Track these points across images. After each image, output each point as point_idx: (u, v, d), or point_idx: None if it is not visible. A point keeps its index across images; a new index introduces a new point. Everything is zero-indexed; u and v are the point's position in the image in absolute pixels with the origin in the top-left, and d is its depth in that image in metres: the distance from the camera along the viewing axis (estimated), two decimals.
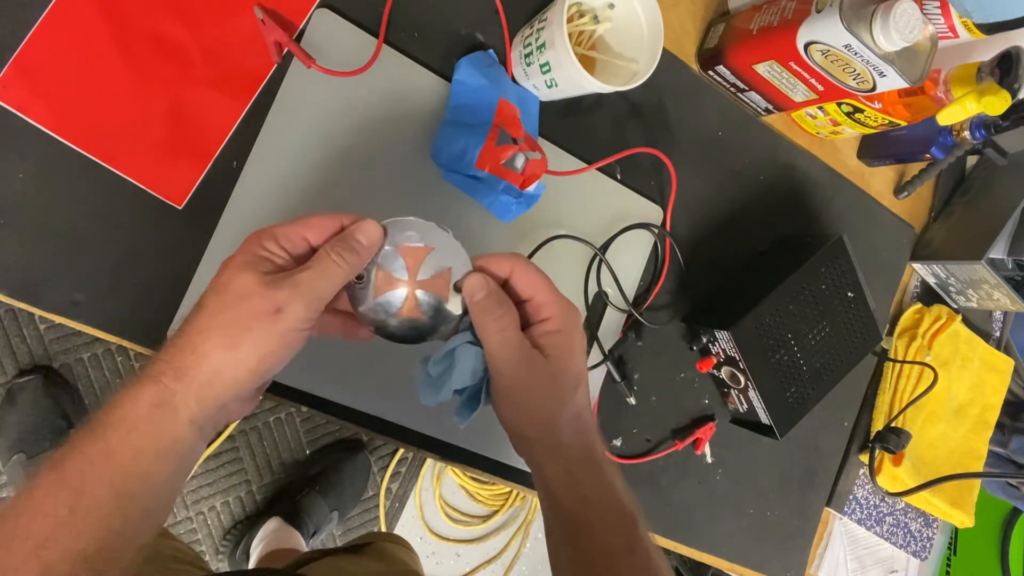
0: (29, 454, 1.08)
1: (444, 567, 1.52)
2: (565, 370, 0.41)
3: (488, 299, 0.41)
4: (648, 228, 0.68)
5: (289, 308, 0.36)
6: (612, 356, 0.66)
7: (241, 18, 0.52)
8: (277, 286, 0.36)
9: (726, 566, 0.76)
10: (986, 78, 0.63)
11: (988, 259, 0.78)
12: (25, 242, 0.48)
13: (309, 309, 0.37)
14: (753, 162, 0.75)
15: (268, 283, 0.36)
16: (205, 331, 0.36)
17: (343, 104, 0.55)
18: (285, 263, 0.38)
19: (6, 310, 1.16)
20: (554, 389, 0.41)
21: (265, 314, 0.36)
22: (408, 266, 0.41)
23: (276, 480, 1.35)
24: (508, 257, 0.42)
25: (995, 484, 1.07)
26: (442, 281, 0.41)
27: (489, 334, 0.40)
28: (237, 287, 0.36)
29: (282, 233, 0.38)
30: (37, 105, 0.48)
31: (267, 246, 0.38)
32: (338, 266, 0.38)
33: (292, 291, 0.36)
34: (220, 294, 0.36)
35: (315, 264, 0.38)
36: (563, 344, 0.41)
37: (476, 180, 0.56)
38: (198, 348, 0.35)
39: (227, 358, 0.35)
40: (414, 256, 0.41)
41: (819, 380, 0.69)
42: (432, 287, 0.41)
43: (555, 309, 0.42)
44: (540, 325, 0.41)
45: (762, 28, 0.62)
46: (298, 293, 0.36)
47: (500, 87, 0.57)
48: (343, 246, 0.38)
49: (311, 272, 0.37)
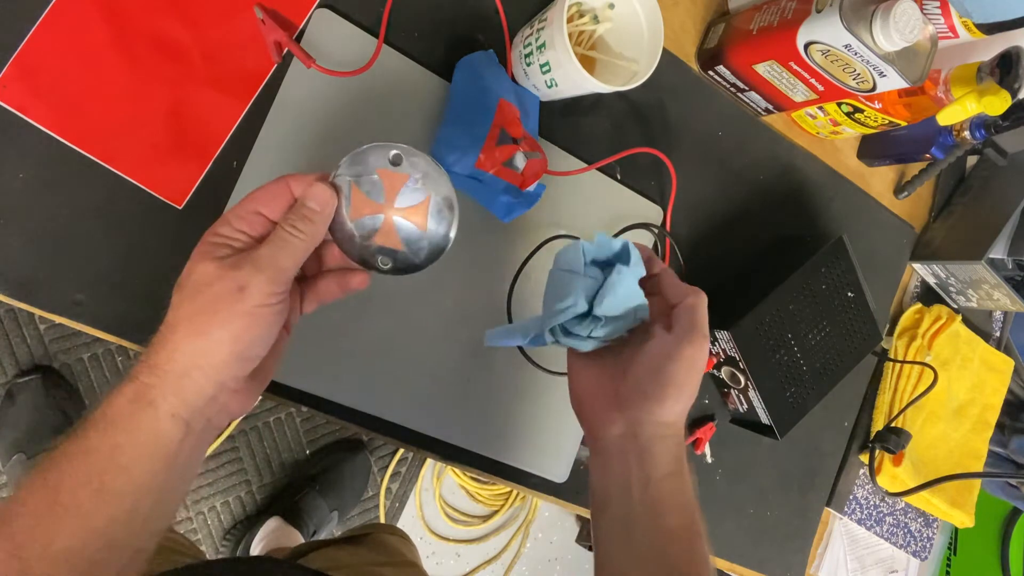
0: (29, 454, 1.08)
1: (444, 567, 1.51)
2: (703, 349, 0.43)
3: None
4: (648, 228, 0.68)
5: (251, 284, 0.36)
6: None
7: (241, 18, 0.52)
8: (237, 266, 0.36)
9: (726, 566, 0.76)
10: (986, 78, 0.63)
11: (988, 259, 0.78)
12: (25, 242, 0.48)
13: (273, 282, 0.36)
14: (753, 162, 0.75)
15: (227, 265, 0.36)
16: (173, 324, 0.36)
17: (343, 104, 0.55)
18: (245, 244, 0.38)
19: (6, 310, 1.16)
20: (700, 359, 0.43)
21: (228, 294, 0.35)
22: (385, 190, 0.40)
23: (276, 480, 1.35)
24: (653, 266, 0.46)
25: (995, 484, 1.07)
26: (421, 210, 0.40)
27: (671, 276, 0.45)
28: (197, 277, 0.36)
29: (233, 215, 0.38)
30: (37, 105, 0.48)
31: (221, 231, 0.38)
32: (294, 237, 0.38)
33: (252, 268, 0.36)
34: (183, 288, 0.37)
35: (272, 239, 0.38)
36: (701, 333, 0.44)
37: (476, 180, 0.56)
38: (168, 342, 0.35)
39: (199, 346, 0.35)
40: (391, 181, 0.40)
41: (819, 380, 0.69)
42: (410, 215, 0.40)
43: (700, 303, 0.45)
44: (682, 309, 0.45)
45: (762, 28, 0.62)
46: (258, 268, 0.36)
47: (500, 87, 0.57)
48: (296, 216, 0.38)
49: (269, 247, 0.37)
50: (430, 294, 0.59)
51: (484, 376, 0.61)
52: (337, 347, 0.56)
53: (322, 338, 0.55)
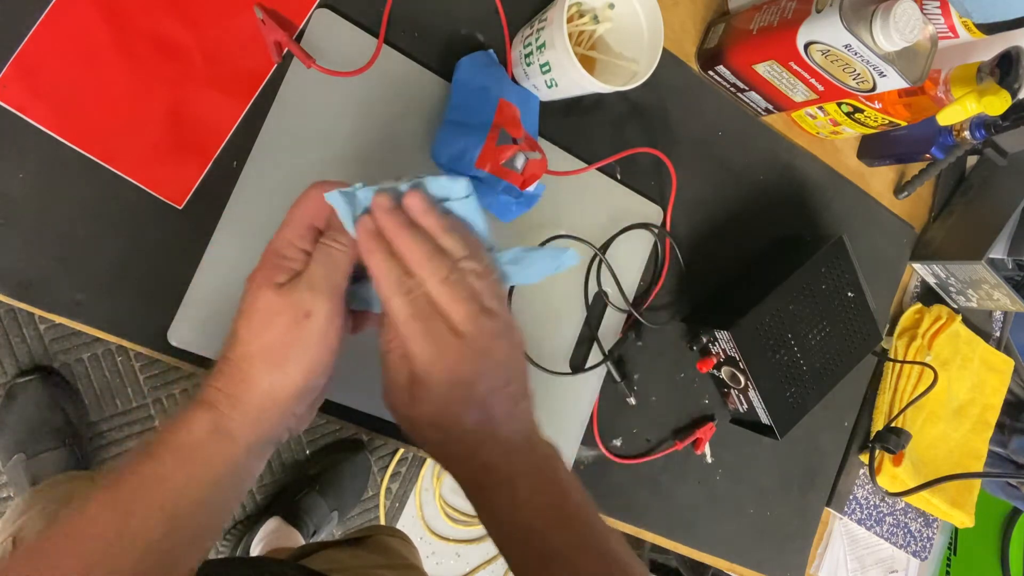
0: (29, 454, 1.08)
1: (444, 567, 1.51)
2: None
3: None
4: (648, 228, 0.68)
5: (315, 309, 0.36)
6: (612, 356, 0.66)
7: (241, 18, 0.52)
8: (296, 292, 0.37)
9: (726, 566, 0.76)
10: (986, 78, 0.63)
11: (988, 259, 0.78)
12: (25, 242, 0.48)
13: (332, 302, 0.37)
14: (753, 162, 0.75)
15: (287, 292, 0.37)
16: (249, 358, 0.36)
17: (343, 104, 0.55)
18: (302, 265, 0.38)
19: (6, 310, 1.16)
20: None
21: (297, 324, 0.36)
22: None
23: (276, 480, 1.35)
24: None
25: (995, 484, 1.07)
26: None
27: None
28: (263, 306, 0.37)
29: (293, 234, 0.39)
30: (37, 105, 0.48)
31: (286, 254, 0.38)
32: (339, 251, 0.38)
33: (310, 292, 0.37)
34: (250, 318, 0.37)
35: (319, 258, 0.38)
36: None
37: (476, 180, 0.56)
38: (248, 375, 0.36)
39: (276, 379, 0.36)
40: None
41: (819, 380, 0.69)
42: None
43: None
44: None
45: (762, 28, 0.62)
46: (316, 291, 0.37)
47: (500, 87, 0.57)
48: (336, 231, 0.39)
49: (319, 266, 0.38)
50: None
51: None
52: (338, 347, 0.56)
53: None
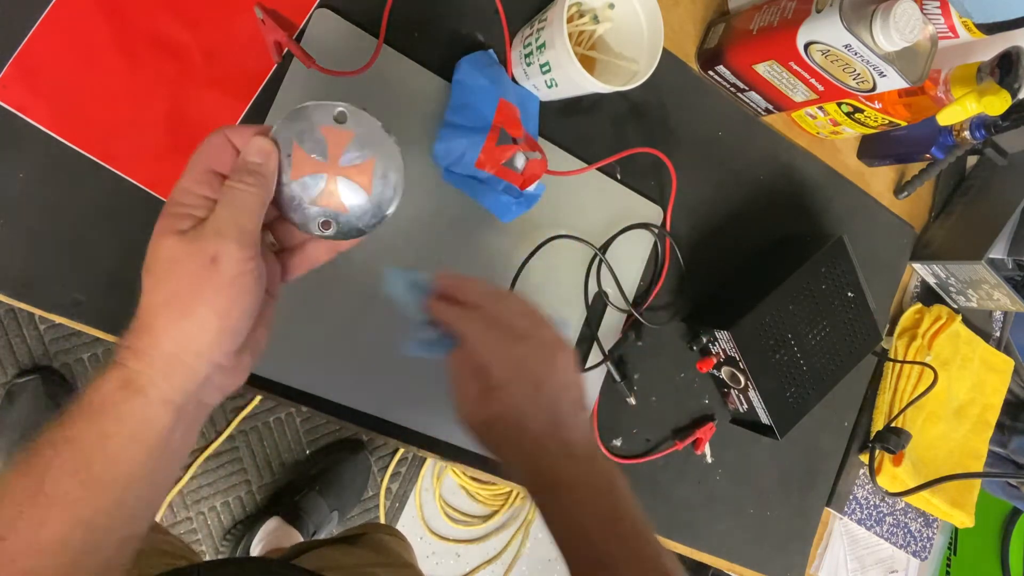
0: None
1: (444, 567, 1.51)
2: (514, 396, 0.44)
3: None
4: (648, 228, 0.68)
5: (221, 253, 0.34)
6: (612, 356, 0.66)
7: (241, 18, 0.52)
8: (201, 237, 0.34)
9: (726, 566, 0.76)
10: (986, 78, 0.63)
11: (988, 259, 0.78)
12: (25, 242, 0.48)
13: (242, 246, 0.35)
14: (753, 162, 0.75)
15: (191, 238, 0.34)
16: (153, 308, 0.34)
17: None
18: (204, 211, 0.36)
19: (6, 310, 1.16)
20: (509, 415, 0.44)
21: (202, 269, 0.34)
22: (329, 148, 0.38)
23: (276, 480, 1.35)
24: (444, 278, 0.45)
25: (995, 484, 1.07)
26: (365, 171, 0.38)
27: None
28: (165, 255, 0.35)
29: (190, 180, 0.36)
30: (37, 105, 0.48)
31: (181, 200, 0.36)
32: (246, 191, 0.36)
33: (216, 236, 0.34)
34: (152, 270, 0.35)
35: (225, 200, 0.36)
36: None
37: (476, 180, 0.56)
38: (153, 326, 0.34)
39: (185, 328, 0.34)
40: (336, 139, 0.38)
41: (819, 380, 0.69)
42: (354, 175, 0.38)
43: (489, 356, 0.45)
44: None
45: (762, 28, 0.62)
46: (225, 235, 0.34)
47: (500, 87, 0.57)
48: (242, 171, 0.36)
49: (224, 208, 0.35)
50: None
51: None
52: (337, 347, 0.56)
53: (322, 338, 0.55)
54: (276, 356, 0.54)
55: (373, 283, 0.56)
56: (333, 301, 0.55)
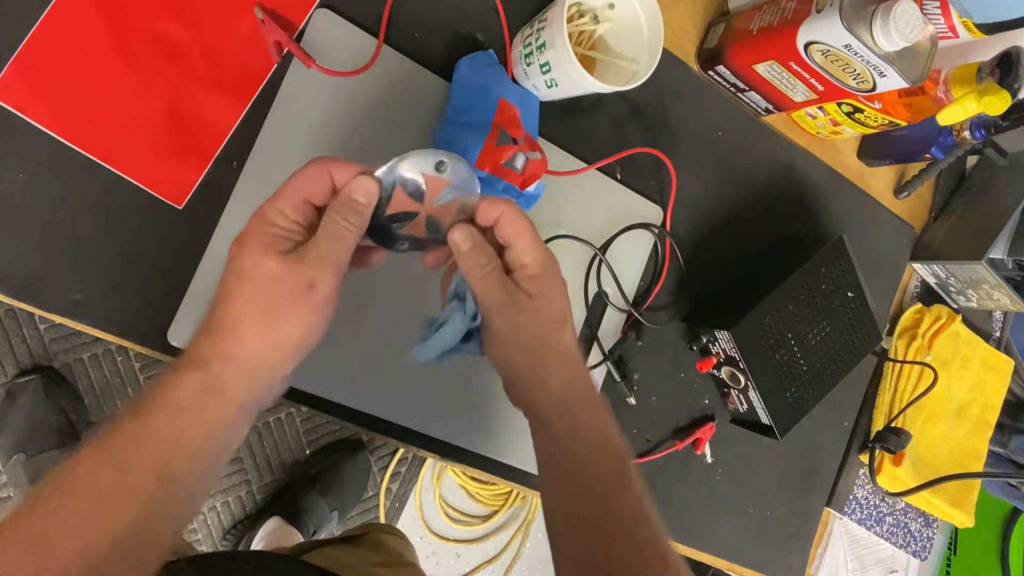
0: (29, 454, 1.08)
1: (444, 567, 1.51)
2: (548, 308, 0.43)
3: (474, 250, 0.42)
4: (648, 228, 0.68)
5: (319, 281, 0.37)
6: (612, 356, 0.66)
7: (241, 18, 0.52)
8: (303, 262, 0.37)
9: (726, 566, 0.76)
10: (986, 78, 0.63)
11: (988, 259, 0.78)
12: (25, 242, 0.48)
13: (336, 276, 0.38)
14: (753, 162, 0.75)
15: (294, 260, 0.37)
16: (245, 318, 0.37)
17: (343, 104, 0.55)
18: (300, 234, 0.39)
19: (6, 310, 1.16)
20: (539, 326, 0.43)
21: (300, 292, 0.37)
22: (427, 192, 0.42)
23: (276, 480, 1.35)
24: (497, 203, 0.43)
25: (995, 484, 1.07)
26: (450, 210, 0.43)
27: (476, 279, 0.42)
28: (265, 271, 0.37)
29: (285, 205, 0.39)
30: (37, 105, 0.48)
31: (279, 224, 0.38)
32: (348, 230, 0.39)
33: (318, 265, 0.37)
34: (250, 280, 0.37)
35: (328, 232, 0.39)
36: (544, 285, 0.43)
37: None
38: (242, 335, 0.36)
39: (271, 341, 0.37)
40: (433, 184, 0.42)
41: (819, 380, 0.69)
42: (439, 214, 0.43)
43: (536, 255, 0.43)
44: (521, 270, 0.43)
45: (762, 28, 0.62)
46: (324, 265, 0.38)
47: (500, 87, 0.57)
48: (348, 209, 0.39)
49: (328, 242, 0.38)
50: (430, 294, 0.59)
51: (484, 375, 0.61)
52: (337, 347, 0.56)
53: (323, 338, 0.55)
54: None
55: (373, 283, 0.56)
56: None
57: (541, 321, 0.43)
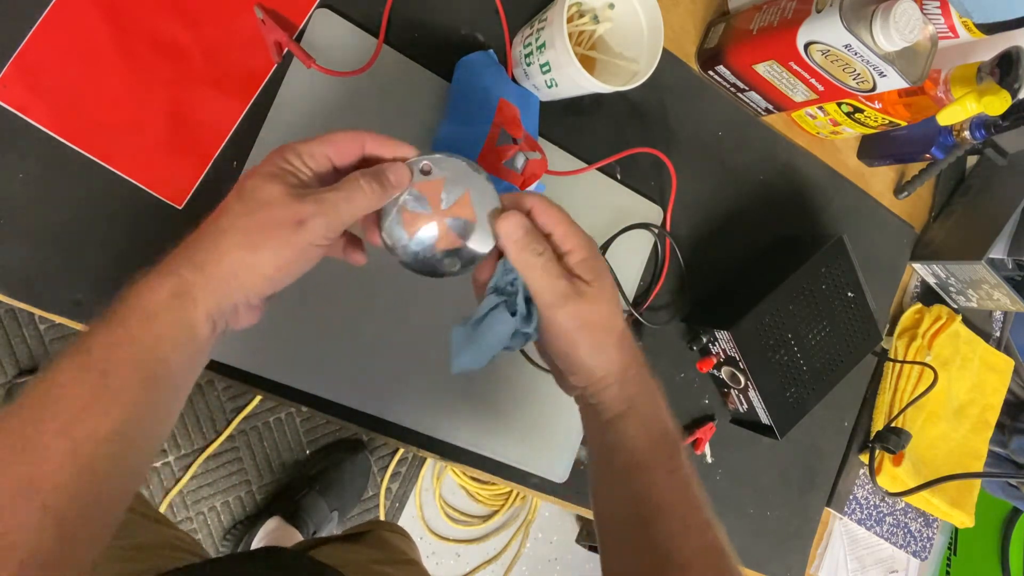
0: None
1: (444, 567, 1.51)
2: (604, 290, 0.42)
3: (527, 236, 0.41)
4: (648, 228, 0.68)
5: (311, 222, 0.37)
6: None
7: (241, 18, 0.52)
8: (302, 199, 0.37)
9: None
10: (986, 78, 0.63)
11: (988, 259, 0.78)
12: (25, 242, 0.48)
13: (330, 228, 0.37)
14: (753, 162, 0.75)
15: (294, 195, 0.37)
16: (227, 231, 0.37)
17: (343, 104, 0.55)
18: (309, 180, 0.39)
19: (6, 310, 1.16)
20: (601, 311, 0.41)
21: (288, 223, 0.36)
22: (429, 199, 0.42)
23: (276, 480, 1.35)
24: (525, 197, 0.43)
25: (995, 484, 1.07)
26: (465, 204, 0.42)
27: (534, 270, 0.41)
28: (263, 195, 0.37)
29: (306, 150, 0.39)
30: (37, 105, 0.48)
31: (292, 161, 0.38)
32: (365, 195, 0.39)
33: (316, 207, 0.37)
34: (245, 200, 0.37)
35: (344, 187, 0.38)
36: (595, 268, 0.42)
37: None
38: (219, 245, 0.36)
39: (246, 259, 0.36)
40: (431, 189, 0.42)
41: (819, 380, 0.69)
42: (457, 212, 0.42)
43: (577, 239, 0.42)
44: (569, 256, 0.42)
45: (762, 28, 0.62)
46: (322, 210, 0.37)
47: (500, 87, 0.57)
48: (375, 177, 0.39)
49: (338, 194, 0.38)
50: (429, 294, 0.59)
51: (484, 376, 0.61)
52: (338, 347, 0.56)
53: (323, 338, 0.55)
54: (276, 356, 0.54)
55: (373, 284, 0.56)
56: (333, 301, 0.55)
57: (602, 306, 0.41)
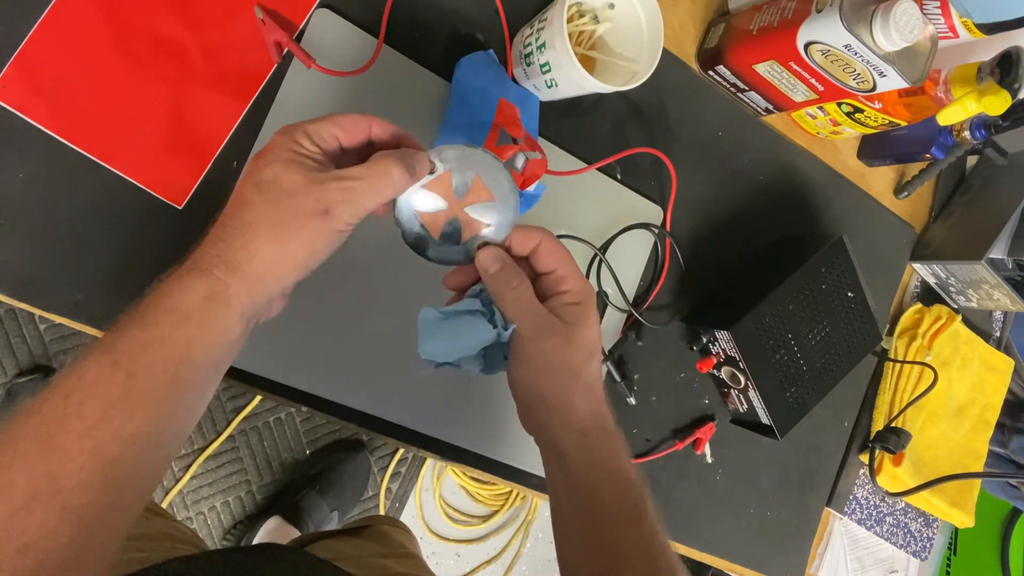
0: None
1: (444, 567, 1.52)
2: (584, 337, 0.42)
3: (502, 271, 0.42)
4: (648, 228, 0.68)
5: (337, 212, 0.37)
6: (612, 356, 0.66)
7: (241, 18, 0.52)
8: (326, 187, 0.37)
9: (726, 566, 0.76)
10: (986, 78, 0.63)
11: (988, 259, 0.78)
12: (25, 242, 0.48)
13: (355, 216, 0.38)
14: (753, 162, 0.75)
15: (315, 181, 0.37)
16: (255, 227, 0.36)
17: (343, 104, 0.55)
18: (323, 161, 0.38)
19: (6, 310, 1.16)
20: (571, 353, 0.42)
21: (315, 213, 0.36)
22: (443, 194, 0.42)
23: (276, 480, 1.35)
24: (534, 231, 0.43)
25: (995, 484, 1.07)
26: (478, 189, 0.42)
27: (506, 301, 0.42)
28: (285, 184, 0.36)
29: (314, 130, 0.39)
30: (37, 105, 0.48)
31: (303, 143, 0.38)
32: (392, 182, 0.39)
33: (342, 195, 0.37)
34: (266, 190, 0.37)
35: (371, 174, 0.38)
36: (581, 314, 0.42)
37: None
38: (249, 244, 0.36)
39: (277, 254, 0.36)
40: (441, 184, 0.42)
41: (819, 380, 0.69)
42: (473, 199, 0.42)
43: (575, 283, 0.43)
44: (560, 296, 0.43)
45: (762, 28, 0.62)
46: (348, 199, 0.37)
47: (500, 87, 0.57)
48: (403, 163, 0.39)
49: (365, 182, 0.38)
50: (430, 294, 0.59)
51: (484, 376, 0.61)
52: (338, 347, 0.56)
53: (323, 338, 0.55)
54: (276, 356, 0.54)
55: (374, 282, 0.56)
56: (333, 301, 0.55)
57: (575, 350, 0.42)
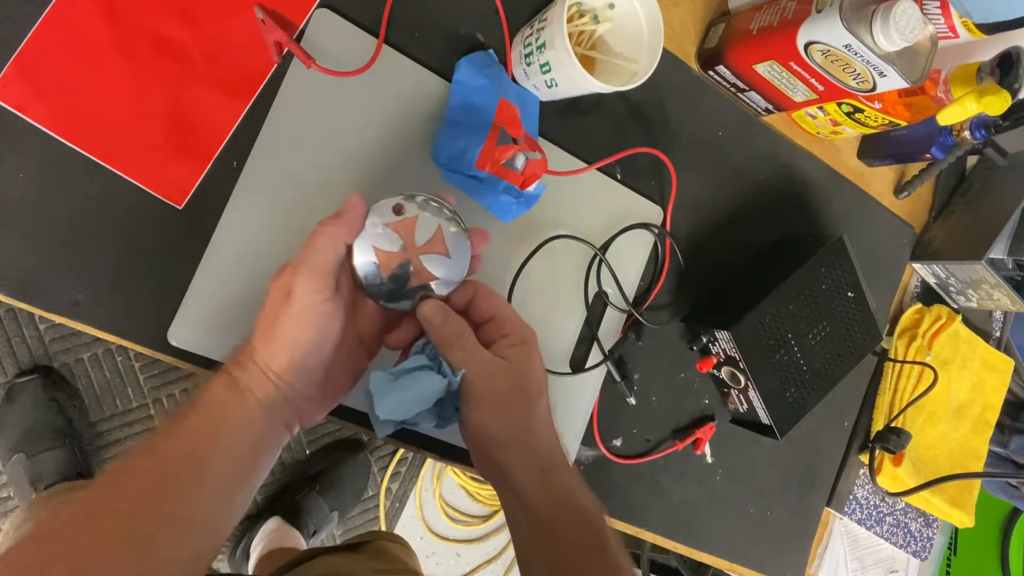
0: (29, 454, 1.08)
1: (444, 567, 1.52)
2: (529, 375, 0.44)
3: (445, 321, 0.43)
4: (648, 228, 0.68)
5: (295, 287, 0.39)
6: (612, 356, 0.66)
7: (241, 18, 0.52)
8: (283, 275, 0.40)
9: (726, 566, 0.76)
10: (986, 78, 0.63)
11: (988, 259, 0.78)
12: (25, 242, 0.48)
13: (311, 278, 0.40)
14: (753, 162, 0.75)
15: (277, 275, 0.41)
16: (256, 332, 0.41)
17: (343, 104, 0.55)
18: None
19: (6, 310, 1.16)
20: (521, 393, 0.43)
21: (281, 301, 0.40)
22: (402, 237, 0.43)
23: (276, 480, 1.35)
24: (467, 286, 0.45)
25: (995, 484, 1.07)
26: (437, 241, 0.44)
27: (452, 350, 0.43)
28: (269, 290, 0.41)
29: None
30: (37, 105, 0.48)
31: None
32: (325, 235, 0.41)
33: (291, 271, 0.40)
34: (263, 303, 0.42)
35: (307, 242, 0.41)
36: (525, 353, 0.44)
37: (476, 180, 0.56)
38: (253, 344, 0.41)
39: (268, 350, 0.40)
40: (405, 228, 0.43)
41: (819, 380, 0.69)
42: (431, 249, 0.43)
43: (515, 325, 0.45)
44: (503, 340, 0.44)
45: (762, 28, 0.62)
46: (295, 270, 0.40)
47: (500, 87, 0.57)
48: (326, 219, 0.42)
49: (304, 250, 0.41)
50: None
51: None
52: None
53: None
54: None
55: None
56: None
57: (525, 388, 0.43)
